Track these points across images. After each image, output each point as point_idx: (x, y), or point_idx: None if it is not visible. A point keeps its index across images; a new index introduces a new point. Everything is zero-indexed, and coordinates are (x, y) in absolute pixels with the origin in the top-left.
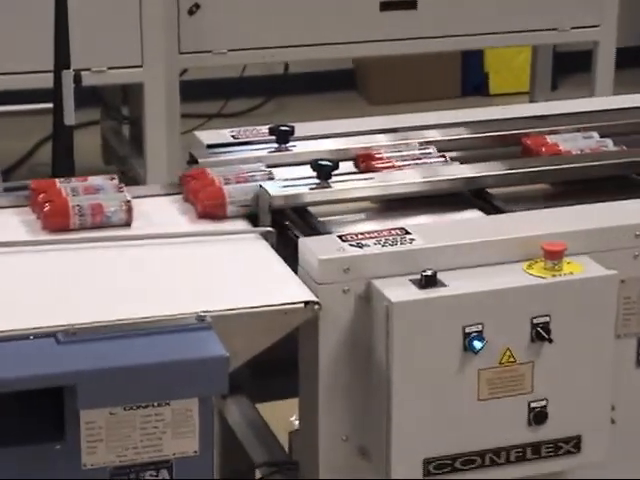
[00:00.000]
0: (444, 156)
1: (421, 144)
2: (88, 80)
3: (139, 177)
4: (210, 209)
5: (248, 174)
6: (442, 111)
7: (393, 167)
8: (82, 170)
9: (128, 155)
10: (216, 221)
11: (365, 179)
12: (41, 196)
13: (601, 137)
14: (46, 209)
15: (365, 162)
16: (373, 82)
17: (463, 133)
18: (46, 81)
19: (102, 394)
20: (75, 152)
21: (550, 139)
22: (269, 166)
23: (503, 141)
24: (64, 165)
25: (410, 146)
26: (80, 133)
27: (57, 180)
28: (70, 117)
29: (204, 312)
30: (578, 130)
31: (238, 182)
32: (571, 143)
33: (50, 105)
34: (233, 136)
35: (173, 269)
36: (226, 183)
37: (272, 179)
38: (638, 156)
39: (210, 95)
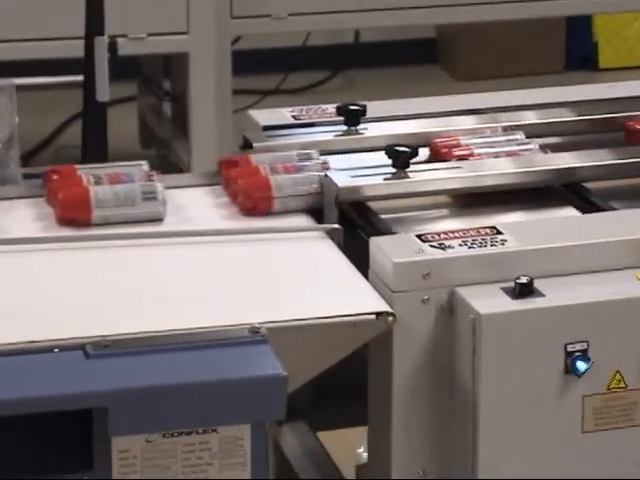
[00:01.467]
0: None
1: (507, 128)
2: (125, 49)
3: (182, 163)
4: (254, 203)
5: (300, 162)
6: (541, 88)
7: (472, 155)
8: (116, 154)
9: (170, 137)
10: (271, 217)
11: (450, 168)
12: None
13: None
14: None
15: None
16: (459, 54)
17: (563, 115)
18: (76, 49)
19: (137, 418)
20: (109, 133)
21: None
22: (331, 152)
23: (606, 125)
24: (95, 148)
25: (495, 131)
26: (114, 110)
27: None
28: (103, 92)
29: (259, 323)
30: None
31: (287, 172)
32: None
33: (80, 78)
34: (294, 116)
35: (222, 272)
36: (273, 173)
37: (328, 169)
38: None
39: (267, 68)
